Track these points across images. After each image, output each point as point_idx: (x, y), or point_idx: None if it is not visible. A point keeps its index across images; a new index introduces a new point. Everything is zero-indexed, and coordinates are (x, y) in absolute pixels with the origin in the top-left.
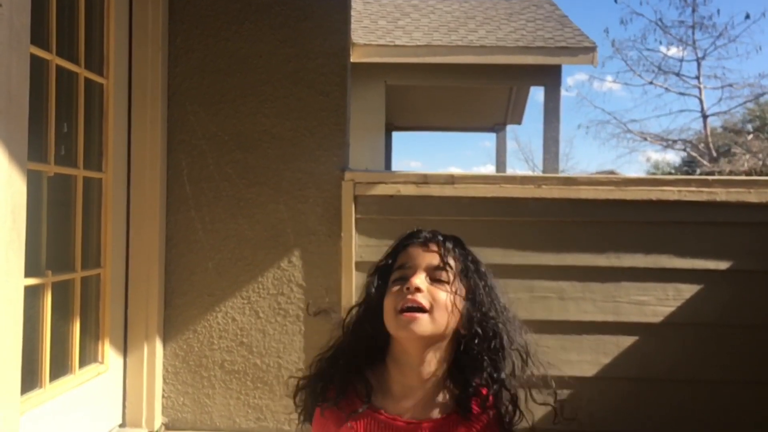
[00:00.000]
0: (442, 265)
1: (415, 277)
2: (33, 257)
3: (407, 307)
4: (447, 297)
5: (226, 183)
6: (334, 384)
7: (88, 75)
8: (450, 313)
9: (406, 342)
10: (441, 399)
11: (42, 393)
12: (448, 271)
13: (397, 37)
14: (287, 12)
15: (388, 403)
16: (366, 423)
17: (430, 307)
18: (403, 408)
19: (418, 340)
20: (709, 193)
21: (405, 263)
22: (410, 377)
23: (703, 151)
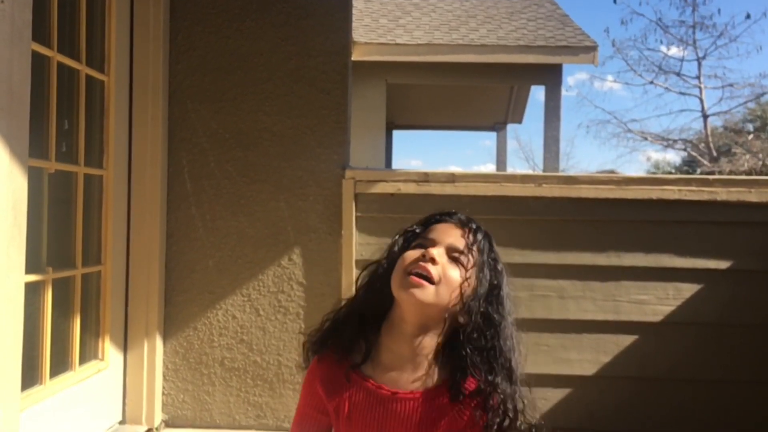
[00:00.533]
0: (464, 249)
1: (435, 248)
2: (34, 254)
3: (417, 272)
4: (458, 278)
5: (227, 180)
6: (338, 340)
7: (89, 72)
8: (455, 294)
9: (405, 306)
10: (429, 377)
11: (42, 390)
12: (468, 257)
13: (398, 35)
14: (288, 10)
15: (377, 373)
16: (353, 391)
17: (438, 280)
18: (390, 378)
19: (416, 306)
20: (710, 193)
21: (430, 234)
22: (402, 347)
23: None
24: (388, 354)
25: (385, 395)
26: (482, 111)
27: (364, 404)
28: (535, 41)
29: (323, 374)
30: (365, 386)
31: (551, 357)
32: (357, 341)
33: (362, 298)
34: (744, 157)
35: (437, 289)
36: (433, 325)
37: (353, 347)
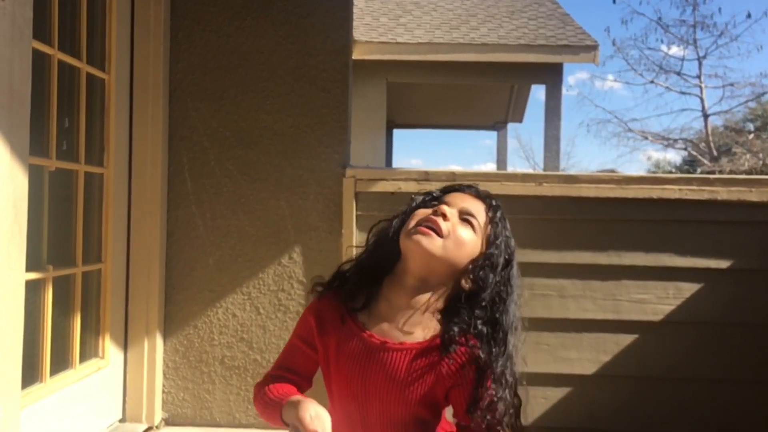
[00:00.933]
0: (477, 215)
1: (448, 207)
2: (34, 252)
3: (426, 225)
4: (467, 238)
5: (227, 179)
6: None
7: (89, 70)
8: (462, 254)
9: (410, 255)
10: (421, 333)
11: (42, 387)
12: (480, 224)
13: (399, 34)
14: (289, 8)
15: (371, 322)
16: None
17: (446, 235)
18: (382, 329)
19: (420, 257)
20: (711, 192)
21: (446, 198)
22: (400, 299)
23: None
24: (385, 304)
25: (374, 344)
26: (483, 110)
27: (352, 349)
28: (535, 40)
29: (319, 310)
30: (357, 332)
31: (551, 356)
32: (359, 291)
33: (371, 252)
34: (744, 157)
35: (444, 242)
36: (434, 281)
37: (355, 296)
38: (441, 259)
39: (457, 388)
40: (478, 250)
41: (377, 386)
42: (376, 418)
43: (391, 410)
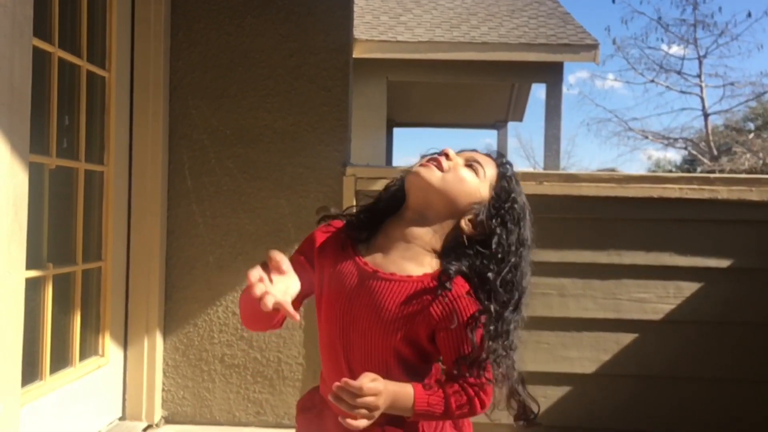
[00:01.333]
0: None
1: (454, 152)
2: (34, 250)
3: (429, 162)
4: (468, 177)
5: (228, 177)
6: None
7: (90, 68)
8: (463, 191)
9: (410, 188)
10: (414, 269)
11: (42, 385)
12: (485, 172)
13: (399, 33)
14: (290, 7)
15: (368, 252)
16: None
17: (447, 170)
18: (376, 258)
19: (419, 188)
20: (711, 191)
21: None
22: (397, 231)
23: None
24: (383, 237)
25: (366, 271)
26: (483, 109)
27: (345, 272)
28: (536, 39)
29: (324, 233)
30: (354, 258)
31: (551, 355)
32: (364, 226)
33: (380, 198)
34: (744, 156)
35: (444, 175)
36: (432, 216)
37: (359, 229)
38: (438, 191)
39: (444, 332)
40: (481, 195)
41: (361, 312)
42: (358, 348)
43: (372, 340)
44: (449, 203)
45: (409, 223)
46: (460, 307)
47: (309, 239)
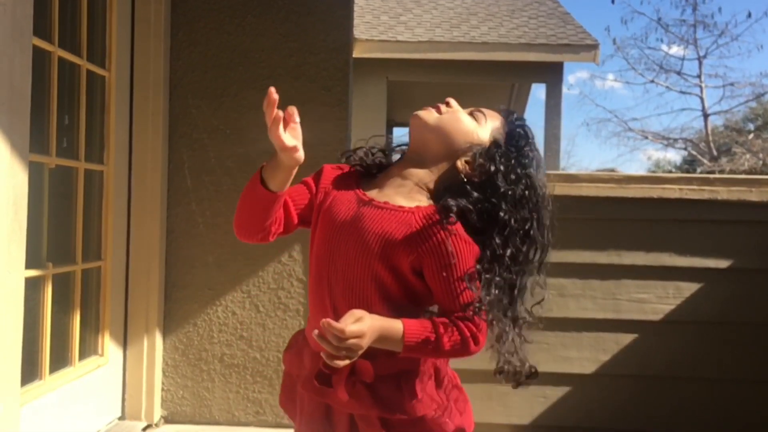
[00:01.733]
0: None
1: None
2: (34, 249)
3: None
4: (465, 119)
5: (228, 177)
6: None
7: (90, 67)
8: (457, 128)
9: (410, 131)
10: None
11: (42, 385)
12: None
13: (399, 32)
14: (290, 7)
15: (369, 187)
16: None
17: (444, 113)
18: (373, 193)
19: (418, 129)
20: (711, 192)
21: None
22: (396, 170)
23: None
24: (384, 175)
25: (363, 199)
26: None
27: (343, 201)
28: (536, 39)
29: (337, 168)
30: (355, 190)
31: (551, 355)
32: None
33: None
34: (744, 157)
35: (440, 117)
36: (429, 158)
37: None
38: (433, 129)
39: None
40: (480, 138)
41: (349, 237)
42: (342, 278)
43: (355, 267)
44: (444, 142)
45: (408, 162)
46: (447, 242)
47: (318, 171)
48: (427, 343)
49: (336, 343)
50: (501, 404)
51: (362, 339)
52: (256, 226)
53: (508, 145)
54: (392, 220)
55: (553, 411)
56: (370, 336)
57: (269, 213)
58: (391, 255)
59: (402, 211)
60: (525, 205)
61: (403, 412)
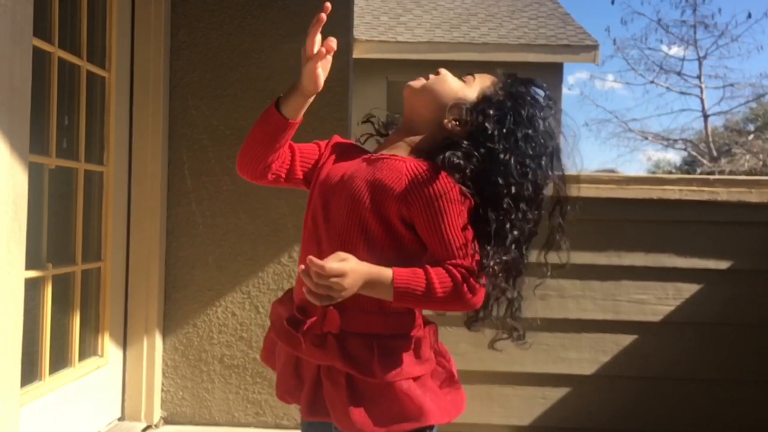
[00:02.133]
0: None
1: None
2: (34, 250)
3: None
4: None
5: (227, 177)
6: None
7: (90, 68)
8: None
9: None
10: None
11: (42, 385)
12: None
13: (399, 33)
14: (290, 7)
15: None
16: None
17: (431, 80)
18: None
19: (407, 97)
20: (711, 193)
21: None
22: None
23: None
24: (381, 143)
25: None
26: None
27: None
28: (536, 40)
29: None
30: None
31: (550, 356)
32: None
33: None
34: (744, 157)
35: (426, 83)
36: (419, 122)
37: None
38: (420, 92)
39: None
40: (466, 96)
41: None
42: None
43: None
44: (431, 105)
45: (401, 131)
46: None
47: (330, 139)
48: (418, 289)
49: (316, 279)
50: (500, 405)
51: (344, 279)
52: (259, 155)
53: (500, 98)
54: (383, 167)
55: (553, 412)
56: (353, 278)
57: (275, 141)
58: (380, 202)
59: (393, 159)
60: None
61: (370, 373)
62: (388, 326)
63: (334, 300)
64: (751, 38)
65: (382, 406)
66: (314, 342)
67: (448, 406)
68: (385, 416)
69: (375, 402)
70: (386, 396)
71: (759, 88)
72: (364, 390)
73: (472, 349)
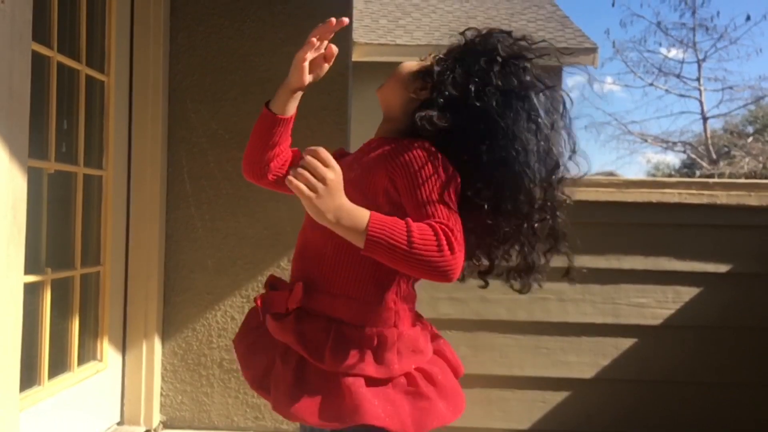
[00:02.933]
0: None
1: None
2: (33, 254)
3: None
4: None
5: (227, 181)
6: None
7: (89, 72)
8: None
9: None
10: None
11: (41, 390)
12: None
13: (398, 36)
14: (289, 10)
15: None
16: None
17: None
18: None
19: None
20: (710, 196)
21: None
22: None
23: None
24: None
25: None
26: None
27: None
28: None
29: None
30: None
31: (550, 360)
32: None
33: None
34: (744, 160)
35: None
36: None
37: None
38: (385, 85)
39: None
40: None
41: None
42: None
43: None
44: (396, 88)
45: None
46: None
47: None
48: (395, 235)
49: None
50: (500, 409)
51: (330, 172)
52: (257, 154)
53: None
54: (371, 146)
55: (553, 416)
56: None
57: (268, 138)
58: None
59: (372, 143)
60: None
61: (319, 358)
62: (351, 313)
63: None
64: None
65: (321, 397)
66: (275, 316)
67: (403, 416)
68: (320, 407)
69: (316, 391)
70: (329, 387)
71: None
72: (310, 377)
73: (471, 353)
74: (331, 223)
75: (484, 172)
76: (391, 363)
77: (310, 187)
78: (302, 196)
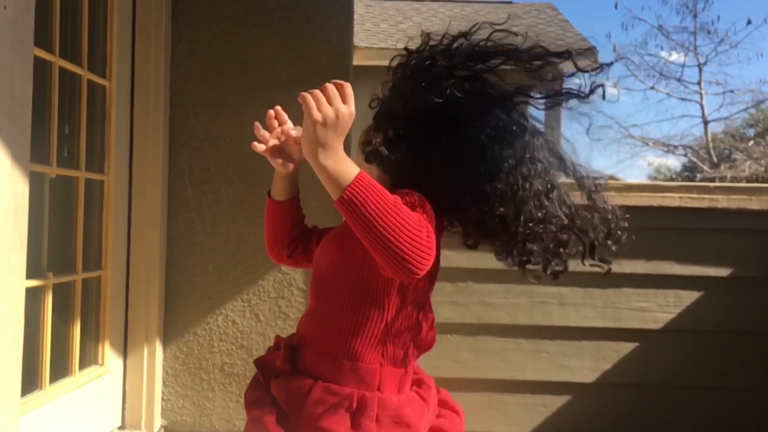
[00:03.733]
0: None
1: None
2: (34, 259)
3: None
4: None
5: (228, 185)
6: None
7: (90, 77)
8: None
9: None
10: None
11: (42, 395)
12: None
13: (399, 40)
14: (290, 15)
15: None
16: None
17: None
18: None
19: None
20: (711, 200)
21: None
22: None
23: (704, 156)
24: None
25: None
26: None
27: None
28: None
29: None
30: None
31: (551, 364)
32: None
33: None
34: (745, 164)
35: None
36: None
37: None
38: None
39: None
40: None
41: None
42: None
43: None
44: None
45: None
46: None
47: None
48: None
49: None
50: (501, 413)
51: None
52: (271, 239)
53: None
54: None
55: (554, 420)
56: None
57: (278, 223)
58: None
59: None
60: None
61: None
62: (334, 372)
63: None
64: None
65: None
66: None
67: None
68: None
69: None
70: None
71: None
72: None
73: (472, 357)
74: (317, 158)
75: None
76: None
77: (320, 110)
78: (309, 115)
